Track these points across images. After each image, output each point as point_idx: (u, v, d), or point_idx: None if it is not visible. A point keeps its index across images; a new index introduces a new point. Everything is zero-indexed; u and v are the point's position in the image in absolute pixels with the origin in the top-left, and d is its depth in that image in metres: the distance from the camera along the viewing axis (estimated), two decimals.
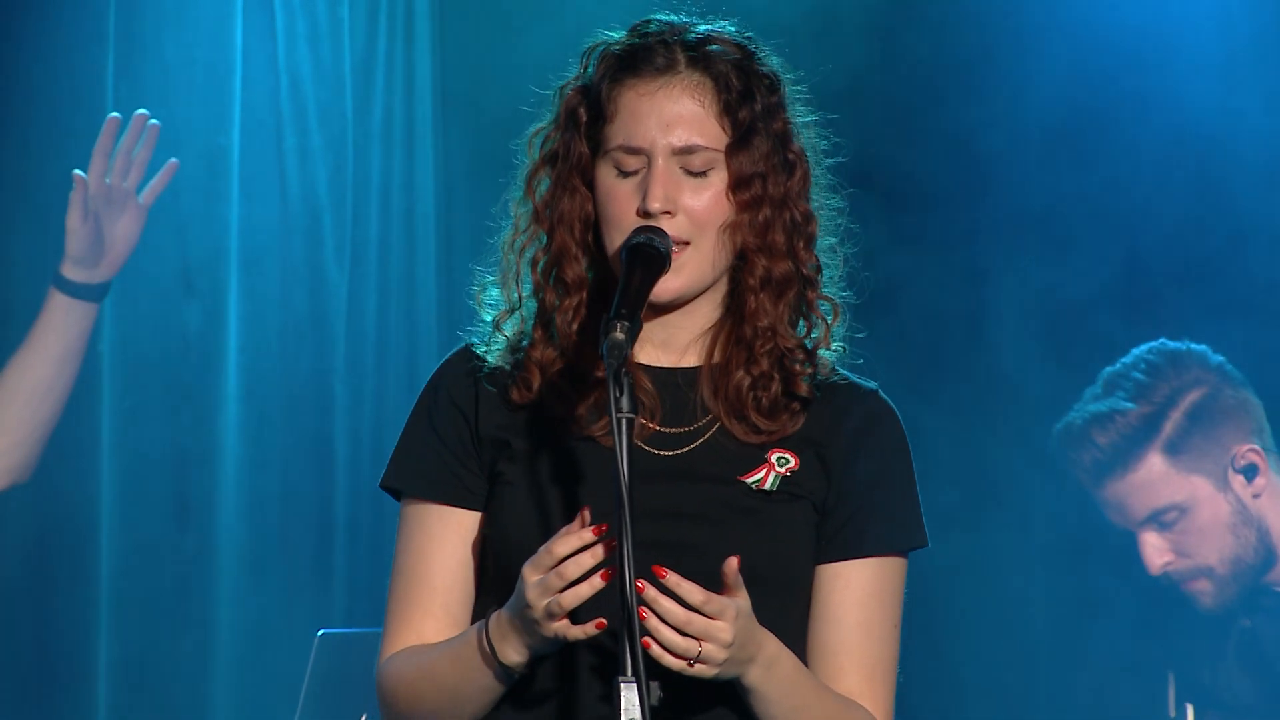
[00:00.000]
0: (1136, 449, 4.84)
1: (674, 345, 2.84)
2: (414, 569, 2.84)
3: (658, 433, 2.80)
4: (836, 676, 2.79)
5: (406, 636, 2.83)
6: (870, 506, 2.81)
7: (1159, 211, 5.64)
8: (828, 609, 2.80)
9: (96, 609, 5.46)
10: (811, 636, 2.80)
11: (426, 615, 2.82)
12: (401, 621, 2.83)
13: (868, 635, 2.80)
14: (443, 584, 2.83)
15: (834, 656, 2.79)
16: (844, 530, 2.80)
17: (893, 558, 2.83)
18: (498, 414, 2.83)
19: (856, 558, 2.80)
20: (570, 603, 2.57)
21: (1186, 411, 4.83)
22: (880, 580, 2.81)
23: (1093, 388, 4.91)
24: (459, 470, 2.83)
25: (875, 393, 2.87)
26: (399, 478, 2.88)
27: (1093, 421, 4.85)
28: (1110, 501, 4.87)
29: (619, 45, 2.82)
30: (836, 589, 2.80)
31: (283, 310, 5.77)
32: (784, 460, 2.80)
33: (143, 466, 5.54)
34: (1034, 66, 5.73)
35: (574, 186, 2.82)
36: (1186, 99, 5.63)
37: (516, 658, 2.68)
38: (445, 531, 2.83)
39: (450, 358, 2.89)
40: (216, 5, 5.68)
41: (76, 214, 4.26)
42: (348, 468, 5.84)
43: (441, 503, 2.84)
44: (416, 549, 2.84)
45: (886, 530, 2.82)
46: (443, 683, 2.75)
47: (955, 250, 5.81)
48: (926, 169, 5.80)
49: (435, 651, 2.77)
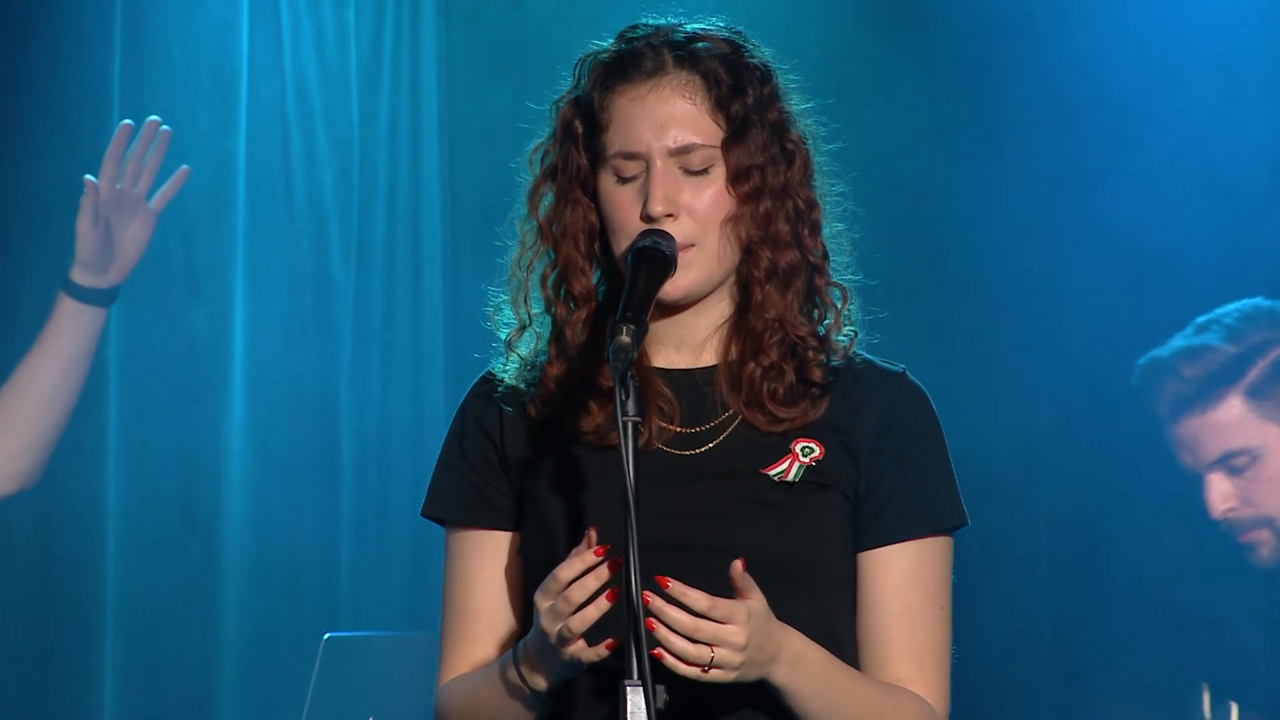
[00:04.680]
0: (1219, 387, 4.83)
1: (689, 345, 2.84)
2: (458, 595, 2.86)
3: (678, 434, 2.80)
4: (885, 664, 2.77)
5: (458, 664, 2.85)
6: (904, 489, 2.79)
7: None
8: (870, 596, 2.78)
9: (102, 612, 5.46)
10: (859, 625, 2.79)
11: (475, 641, 2.85)
12: (452, 649, 2.86)
13: (912, 620, 2.77)
14: (487, 609, 2.85)
15: (881, 645, 2.78)
16: (879, 516, 2.78)
17: (932, 539, 2.80)
18: (520, 433, 2.84)
19: (894, 543, 2.78)
20: (579, 627, 2.57)
21: (1274, 361, 4.83)
22: (921, 563, 2.79)
23: (1183, 330, 4.91)
24: (490, 494, 2.85)
25: (902, 374, 2.85)
26: (436, 507, 2.90)
27: (1181, 354, 4.85)
28: (1184, 439, 4.86)
29: (607, 53, 2.82)
30: (878, 576, 2.78)
31: (289, 314, 5.77)
32: (808, 450, 2.78)
33: (149, 469, 5.54)
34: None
35: (576, 199, 2.82)
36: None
37: (544, 683, 2.69)
38: (485, 557, 2.85)
39: (475, 384, 2.90)
40: (223, 9, 5.68)
41: (87, 219, 4.26)
42: (353, 471, 5.84)
43: (479, 528, 2.86)
44: (460, 576, 2.86)
45: (922, 512, 2.79)
46: (484, 712, 2.77)
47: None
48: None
49: (477, 679, 2.80)
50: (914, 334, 5.39)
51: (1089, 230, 5.73)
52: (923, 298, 5.70)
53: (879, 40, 5.88)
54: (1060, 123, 5.75)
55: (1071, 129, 5.76)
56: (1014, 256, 5.79)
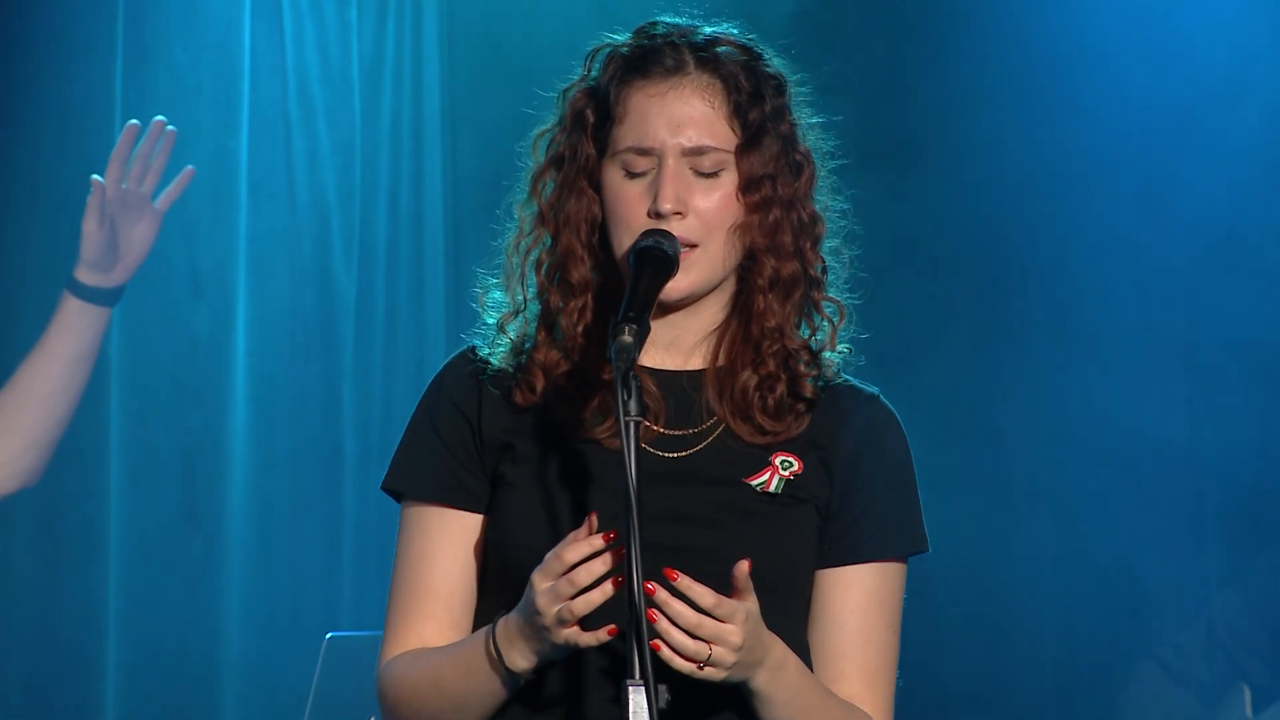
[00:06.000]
0: None
1: (680, 347, 2.84)
2: (414, 571, 2.82)
3: (662, 435, 2.80)
4: (837, 680, 2.79)
5: (408, 639, 2.80)
6: (872, 511, 2.81)
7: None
8: (828, 613, 2.80)
9: (105, 611, 5.47)
10: (813, 640, 2.81)
11: (428, 618, 2.80)
12: (402, 624, 2.81)
13: (867, 640, 2.80)
14: (444, 587, 2.81)
15: (835, 661, 2.80)
16: (846, 535, 2.80)
17: (893, 563, 2.83)
18: (501, 416, 2.82)
19: (857, 562, 2.81)
20: (582, 609, 2.56)
21: None
22: (880, 585, 2.81)
23: None
24: (460, 473, 2.82)
25: (877, 398, 2.86)
26: (400, 480, 2.86)
27: None
28: None
29: (626, 47, 2.82)
30: (837, 594, 2.80)
31: (291, 313, 5.77)
32: (788, 464, 2.80)
33: (151, 469, 5.55)
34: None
35: (581, 188, 2.81)
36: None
37: (524, 664, 2.67)
38: (446, 534, 2.82)
39: (453, 360, 2.88)
40: (225, 8, 5.69)
41: (93, 218, 4.26)
42: (355, 470, 5.84)
43: (442, 505, 2.82)
44: (417, 552, 2.82)
45: (887, 535, 2.82)
46: (447, 688, 2.73)
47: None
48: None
49: (439, 656, 2.76)
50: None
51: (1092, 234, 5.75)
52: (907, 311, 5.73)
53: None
54: (1061, 126, 5.76)
55: (1072, 130, 5.77)
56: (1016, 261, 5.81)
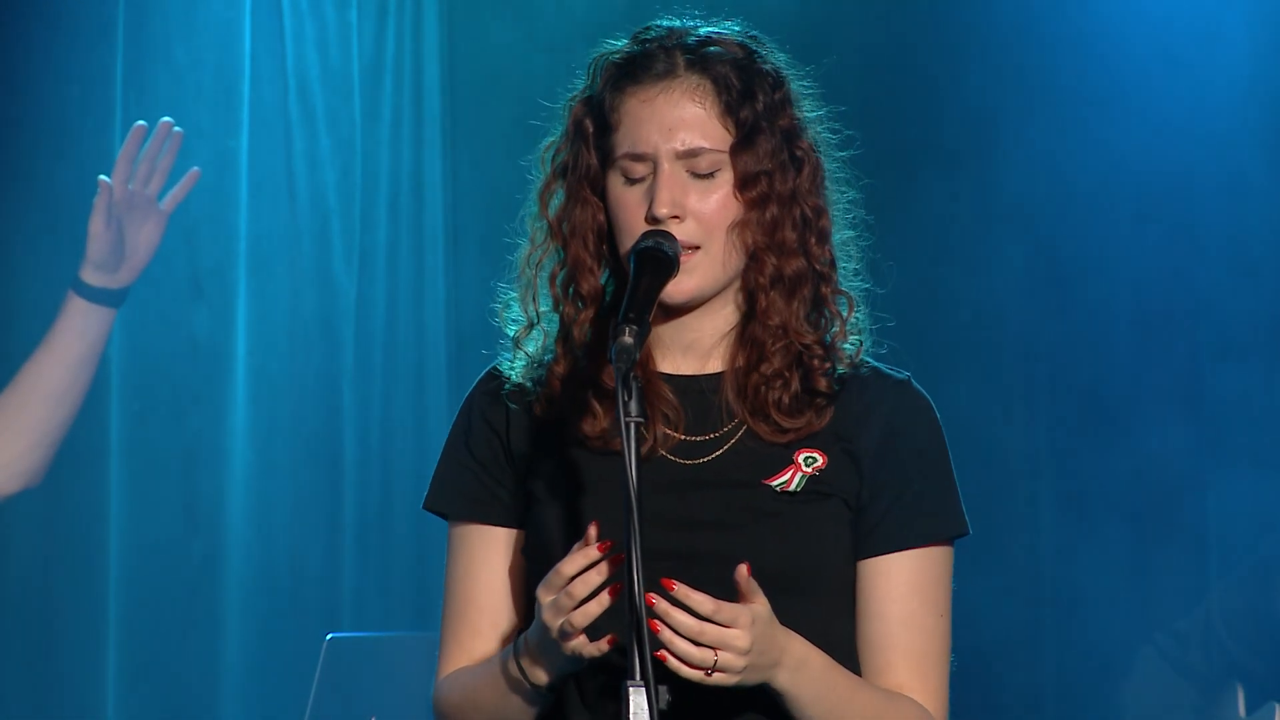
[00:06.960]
0: None
1: (697, 351, 2.83)
2: (462, 590, 2.86)
3: (683, 441, 2.79)
4: (885, 671, 2.78)
5: (458, 658, 2.85)
6: (906, 498, 2.79)
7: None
8: (871, 604, 2.79)
9: (105, 612, 5.46)
10: (859, 632, 2.80)
11: (476, 635, 2.84)
12: (453, 642, 2.86)
13: (911, 628, 2.78)
14: (490, 603, 2.84)
15: (881, 651, 2.78)
16: (882, 524, 2.79)
17: (934, 548, 2.81)
18: (525, 431, 2.84)
19: (895, 551, 2.79)
20: (580, 622, 2.57)
21: None
22: (922, 572, 2.79)
23: None
24: (497, 489, 2.84)
25: (907, 382, 2.85)
26: (439, 500, 2.89)
27: None
28: None
29: (619, 54, 2.82)
30: (879, 584, 2.79)
31: (291, 314, 5.77)
32: (811, 459, 2.78)
33: (151, 470, 5.55)
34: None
35: (585, 198, 2.81)
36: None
37: (545, 678, 2.69)
38: (489, 551, 2.85)
39: (480, 379, 2.90)
40: (225, 9, 5.69)
41: (100, 219, 4.26)
42: (356, 471, 5.84)
43: (484, 523, 2.85)
44: (463, 570, 2.86)
45: (922, 521, 2.80)
46: (484, 706, 2.77)
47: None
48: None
49: (477, 674, 2.79)
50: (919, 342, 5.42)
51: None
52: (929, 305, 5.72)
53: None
54: (1063, 130, 5.76)
55: (1072, 131, 5.77)
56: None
